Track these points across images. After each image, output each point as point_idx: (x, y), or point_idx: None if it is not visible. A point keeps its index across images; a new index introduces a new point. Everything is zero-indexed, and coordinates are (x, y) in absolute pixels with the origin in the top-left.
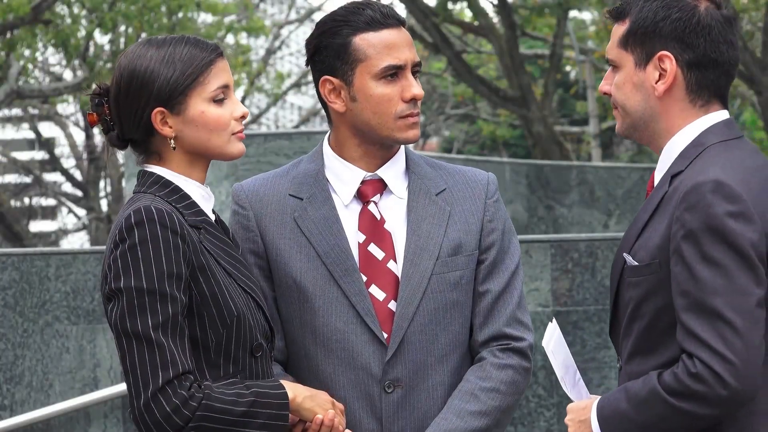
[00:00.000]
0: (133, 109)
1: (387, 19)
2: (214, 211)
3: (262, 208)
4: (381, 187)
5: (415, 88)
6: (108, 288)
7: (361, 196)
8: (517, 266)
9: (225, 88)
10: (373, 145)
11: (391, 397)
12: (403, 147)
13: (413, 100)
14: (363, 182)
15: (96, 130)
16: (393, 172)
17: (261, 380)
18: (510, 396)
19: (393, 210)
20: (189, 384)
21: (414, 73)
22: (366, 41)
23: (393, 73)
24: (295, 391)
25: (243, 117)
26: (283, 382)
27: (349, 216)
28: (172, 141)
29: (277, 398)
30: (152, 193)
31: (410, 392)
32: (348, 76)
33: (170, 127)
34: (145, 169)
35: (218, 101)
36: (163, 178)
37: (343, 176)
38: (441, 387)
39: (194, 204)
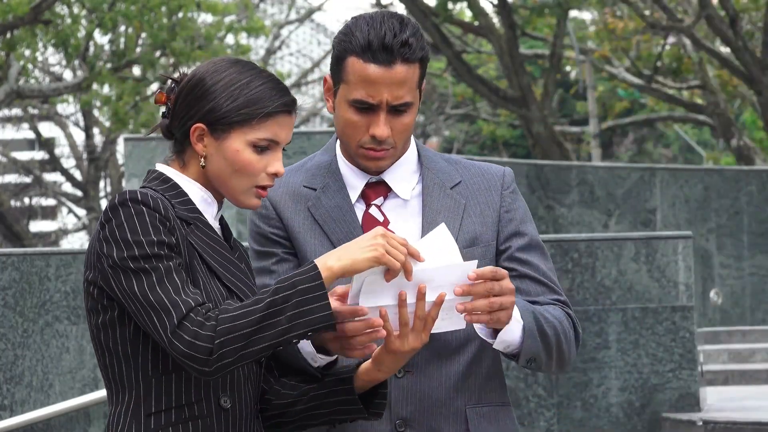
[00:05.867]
0: (183, 112)
1: (378, 54)
2: (224, 219)
3: (277, 197)
4: (385, 190)
5: (379, 128)
6: (105, 267)
7: (365, 199)
8: (543, 250)
9: (273, 142)
10: None
11: (401, 381)
12: (413, 145)
13: (378, 137)
14: (367, 185)
15: (96, 130)
16: (398, 173)
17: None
18: (564, 340)
19: (397, 211)
20: (205, 311)
21: (399, 111)
22: (352, 66)
23: (365, 107)
24: (325, 258)
25: (276, 175)
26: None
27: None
28: (203, 159)
29: (307, 272)
30: (150, 187)
31: (422, 378)
32: (336, 86)
33: (204, 146)
34: (155, 167)
35: (259, 149)
36: (164, 174)
37: (348, 178)
38: (455, 376)
39: (190, 201)
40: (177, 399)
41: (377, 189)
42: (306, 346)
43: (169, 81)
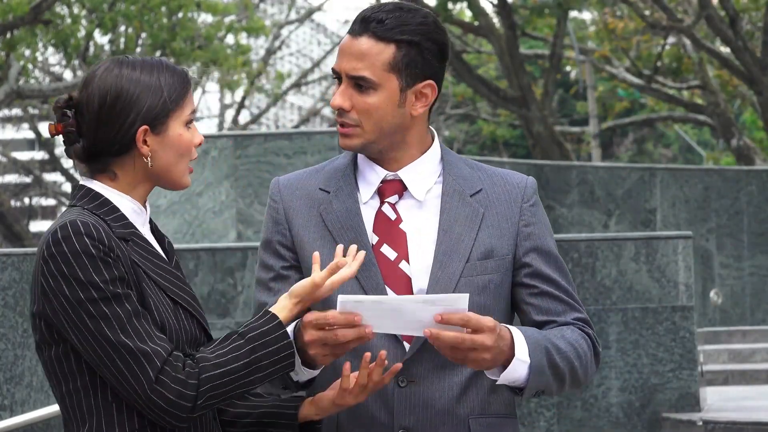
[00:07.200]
0: (117, 125)
1: (354, 26)
2: (152, 221)
3: (292, 201)
4: (401, 187)
5: (335, 97)
6: (55, 304)
7: (381, 196)
8: (562, 265)
9: (193, 113)
10: None
11: (404, 391)
12: (437, 146)
13: (338, 109)
14: (383, 182)
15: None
16: (416, 172)
17: (253, 318)
18: (581, 365)
19: (412, 210)
20: (182, 364)
21: (360, 87)
22: None
23: (338, 78)
24: (285, 310)
25: (200, 144)
26: (274, 307)
27: (367, 215)
28: (149, 159)
29: (274, 331)
30: (81, 206)
31: (425, 388)
32: None
33: (148, 147)
34: (81, 182)
35: (187, 126)
36: (93, 191)
37: (366, 174)
38: (458, 386)
39: (123, 217)
40: (140, 422)
41: (392, 186)
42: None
43: (55, 109)
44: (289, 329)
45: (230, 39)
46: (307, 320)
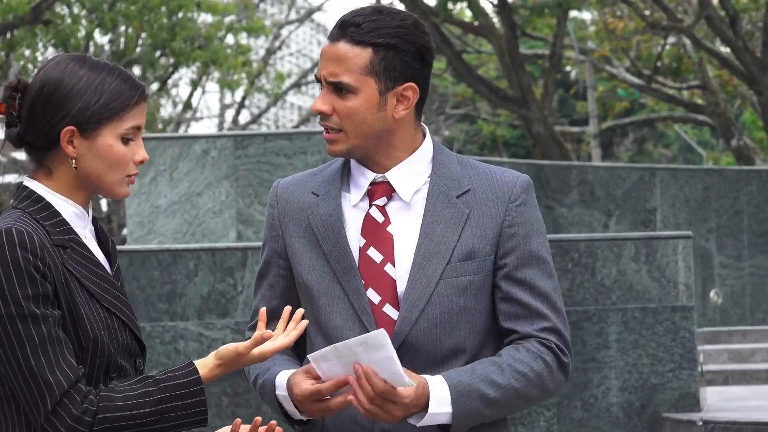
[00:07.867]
0: (46, 118)
1: (333, 31)
2: (97, 221)
3: (288, 206)
4: (389, 189)
5: (315, 102)
6: None
7: (370, 199)
8: (545, 267)
9: (137, 129)
10: None
11: None
12: (429, 145)
13: (319, 113)
14: (372, 184)
15: None
16: (404, 174)
17: (173, 368)
18: (534, 387)
19: (400, 212)
20: (81, 399)
21: (339, 90)
22: None
23: (320, 83)
24: (206, 368)
25: (142, 162)
26: (198, 361)
27: (356, 217)
28: (74, 161)
29: (190, 386)
30: (22, 209)
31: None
32: None
33: (74, 148)
34: (24, 183)
35: (126, 140)
36: (36, 193)
37: (356, 177)
38: None
39: (63, 222)
40: None
41: (381, 188)
42: (290, 406)
43: (4, 89)
44: (285, 374)
45: (230, 39)
46: (300, 399)
